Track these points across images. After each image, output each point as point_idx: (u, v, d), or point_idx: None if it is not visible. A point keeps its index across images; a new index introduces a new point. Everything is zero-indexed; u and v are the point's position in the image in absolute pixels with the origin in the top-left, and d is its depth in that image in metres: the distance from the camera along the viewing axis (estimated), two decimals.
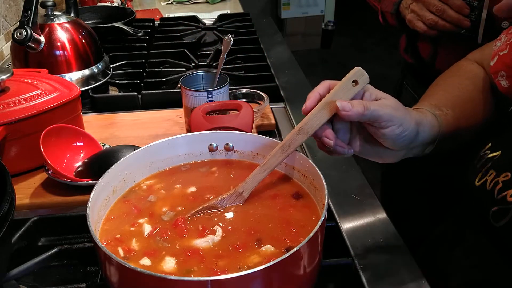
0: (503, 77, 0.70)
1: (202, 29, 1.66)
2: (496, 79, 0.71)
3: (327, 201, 0.56)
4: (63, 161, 0.82)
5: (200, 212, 0.62)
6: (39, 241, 0.71)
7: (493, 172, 0.62)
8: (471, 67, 0.79)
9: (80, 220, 0.61)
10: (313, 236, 0.50)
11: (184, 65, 1.35)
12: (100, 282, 0.62)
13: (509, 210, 0.57)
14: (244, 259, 0.54)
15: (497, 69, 0.71)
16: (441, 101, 0.71)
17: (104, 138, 0.95)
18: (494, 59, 0.71)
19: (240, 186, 0.63)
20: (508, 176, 0.59)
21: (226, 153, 0.73)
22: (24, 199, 0.78)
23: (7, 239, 0.58)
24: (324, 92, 0.60)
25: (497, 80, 0.71)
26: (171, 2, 2.16)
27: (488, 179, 0.62)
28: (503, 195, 0.59)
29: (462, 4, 0.90)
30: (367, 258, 0.66)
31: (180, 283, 0.46)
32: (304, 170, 0.66)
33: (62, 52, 1.14)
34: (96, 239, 0.51)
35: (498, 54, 0.71)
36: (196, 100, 0.92)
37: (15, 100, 0.84)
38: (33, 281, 0.64)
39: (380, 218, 0.74)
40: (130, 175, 0.67)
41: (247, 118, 0.84)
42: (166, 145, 0.70)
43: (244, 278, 0.46)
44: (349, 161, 0.90)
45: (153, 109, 1.11)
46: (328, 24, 3.94)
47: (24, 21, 1.05)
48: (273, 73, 1.27)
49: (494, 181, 0.61)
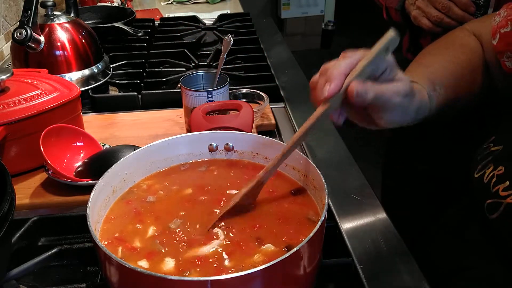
0: (509, 59, 0.69)
1: (202, 29, 1.66)
2: (502, 59, 0.70)
3: (327, 201, 0.56)
4: (63, 161, 0.82)
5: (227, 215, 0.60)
6: (39, 241, 0.71)
7: (491, 165, 0.62)
8: (468, 40, 0.77)
9: (80, 220, 0.61)
10: (313, 236, 0.50)
11: (184, 65, 1.35)
12: (100, 282, 0.62)
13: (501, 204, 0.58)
14: (246, 259, 0.54)
15: (503, 49, 0.69)
16: (437, 77, 0.68)
17: (104, 138, 0.95)
18: (496, 37, 0.70)
19: (261, 175, 0.61)
20: (502, 171, 0.60)
21: (226, 153, 0.73)
22: (24, 199, 0.78)
23: (7, 239, 0.58)
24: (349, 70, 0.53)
25: (502, 60, 0.70)
26: (171, 2, 2.15)
27: (486, 172, 0.63)
28: (496, 188, 0.59)
29: (468, 1, 0.90)
30: (367, 258, 0.66)
31: (180, 283, 0.46)
32: (304, 170, 0.66)
33: (62, 52, 1.14)
34: (96, 239, 0.51)
35: (499, 31, 0.70)
36: (196, 100, 0.92)
37: (15, 100, 0.84)
38: (33, 281, 0.64)
39: (380, 218, 0.74)
40: (130, 175, 0.67)
41: (247, 118, 0.84)
42: (166, 145, 0.70)
43: (244, 278, 0.46)
44: (349, 161, 0.90)
45: (153, 109, 1.11)
46: (328, 24, 3.93)
47: (24, 21, 1.05)
48: (273, 73, 1.27)
49: (491, 175, 0.61)
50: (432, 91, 0.66)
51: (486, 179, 0.62)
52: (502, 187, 0.59)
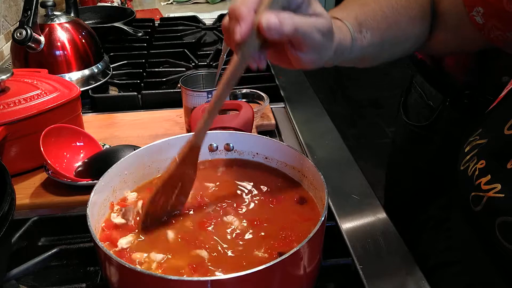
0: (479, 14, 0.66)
1: (202, 29, 1.66)
2: (471, 13, 0.66)
3: (327, 201, 0.56)
4: (63, 161, 0.82)
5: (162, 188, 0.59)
6: (39, 241, 0.71)
7: (475, 158, 0.62)
8: None
9: (80, 220, 0.61)
10: (313, 236, 0.50)
11: (184, 65, 1.35)
12: (100, 282, 0.62)
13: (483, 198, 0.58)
14: (245, 259, 0.54)
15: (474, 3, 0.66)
16: (368, 19, 0.63)
17: (104, 138, 0.95)
18: None
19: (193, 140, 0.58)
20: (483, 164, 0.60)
21: (226, 153, 0.73)
22: (24, 199, 0.78)
23: (7, 239, 0.58)
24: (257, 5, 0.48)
25: (471, 14, 0.66)
26: (171, 2, 2.15)
27: (470, 165, 0.63)
28: (478, 182, 0.59)
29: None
30: (367, 258, 0.66)
31: (180, 283, 0.46)
32: (304, 170, 0.66)
33: (62, 52, 1.14)
34: (96, 239, 0.51)
35: None
36: (196, 100, 0.92)
37: (15, 100, 0.84)
38: (33, 281, 0.64)
39: (380, 218, 0.74)
40: (130, 175, 0.67)
41: (247, 118, 0.84)
42: (166, 145, 0.70)
43: (244, 278, 0.46)
44: (349, 161, 0.90)
45: (153, 109, 1.11)
46: None
47: (24, 21, 1.05)
48: (273, 73, 1.27)
49: (474, 168, 0.61)
50: (358, 32, 0.61)
51: (470, 172, 0.62)
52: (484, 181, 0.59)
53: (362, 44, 0.62)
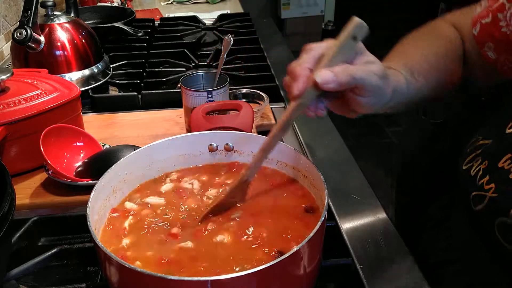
0: (491, 49, 0.69)
1: (202, 29, 1.66)
2: (483, 49, 0.70)
3: (327, 201, 0.56)
4: (63, 161, 0.82)
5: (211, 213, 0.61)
6: (39, 241, 0.71)
7: (479, 158, 0.62)
8: (448, 31, 0.77)
9: (80, 220, 0.61)
10: (313, 236, 0.50)
11: (184, 65, 1.35)
12: (100, 282, 0.62)
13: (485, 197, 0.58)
14: (245, 259, 0.54)
15: (484, 40, 0.69)
16: (414, 66, 0.68)
17: (104, 138, 0.94)
18: (477, 27, 0.70)
19: (244, 173, 0.62)
20: (486, 165, 0.60)
21: (226, 153, 0.73)
22: (24, 199, 0.78)
23: (7, 239, 0.58)
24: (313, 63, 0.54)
25: (483, 50, 0.70)
26: (171, 2, 2.15)
27: (474, 165, 0.63)
28: (481, 181, 0.60)
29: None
30: (367, 258, 0.66)
31: (180, 283, 0.46)
32: (304, 170, 0.66)
33: (62, 52, 1.14)
34: (96, 239, 0.51)
35: (480, 22, 0.70)
36: (196, 100, 0.92)
37: (15, 100, 0.84)
38: (33, 281, 0.64)
39: (380, 218, 0.74)
40: (130, 175, 0.67)
41: (247, 118, 0.84)
42: (166, 145, 0.70)
43: (244, 278, 0.46)
44: (349, 161, 0.90)
45: (153, 109, 1.11)
46: (328, 24, 3.93)
47: (24, 21, 1.05)
48: (273, 73, 1.27)
49: (478, 168, 0.62)
50: (410, 76, 0.65)
51: (473, 172, 0.63)
52: (486, 180, 0.60)
53: (418, 86, 0.66)
